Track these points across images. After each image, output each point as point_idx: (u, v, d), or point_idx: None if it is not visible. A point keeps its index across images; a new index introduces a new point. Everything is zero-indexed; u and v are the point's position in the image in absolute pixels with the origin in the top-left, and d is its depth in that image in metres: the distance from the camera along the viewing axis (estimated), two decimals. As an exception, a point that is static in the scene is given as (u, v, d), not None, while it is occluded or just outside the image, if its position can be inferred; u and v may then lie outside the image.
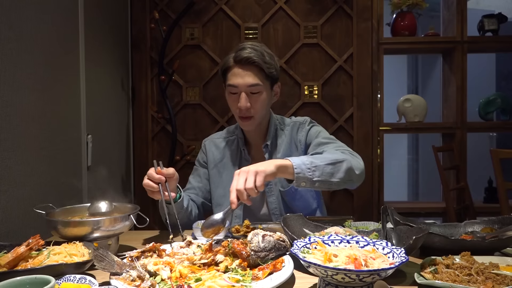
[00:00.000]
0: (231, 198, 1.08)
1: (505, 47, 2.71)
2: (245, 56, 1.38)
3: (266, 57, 1.41)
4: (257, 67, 1.39)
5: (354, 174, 1.27)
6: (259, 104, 1.42)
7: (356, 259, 0.79)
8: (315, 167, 1.20)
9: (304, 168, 1.19)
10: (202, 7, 2.54)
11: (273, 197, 1.50)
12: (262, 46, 1.44)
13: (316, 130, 1.52)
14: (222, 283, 0.83)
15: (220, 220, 1.10)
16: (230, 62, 1.42)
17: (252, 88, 1.40)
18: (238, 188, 1.08)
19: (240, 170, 1.12)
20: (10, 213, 1.26)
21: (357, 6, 2.51)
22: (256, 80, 1.39)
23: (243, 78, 1.39)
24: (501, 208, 2.04)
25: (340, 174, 1.24)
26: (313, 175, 1.20)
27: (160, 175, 1.24)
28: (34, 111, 1.41)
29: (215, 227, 1.09)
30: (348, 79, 2.54)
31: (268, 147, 1.51)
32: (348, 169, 1.25)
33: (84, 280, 0.86)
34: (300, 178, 1.18)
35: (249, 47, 1.40)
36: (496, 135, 3.90)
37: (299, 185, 1.20)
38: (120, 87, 2.38)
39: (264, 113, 1.47)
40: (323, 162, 1.23)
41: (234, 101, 1.43)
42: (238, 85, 1.40)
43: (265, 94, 1.43)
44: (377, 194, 2.52)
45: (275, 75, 1.46)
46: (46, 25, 1.51)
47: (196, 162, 1.64)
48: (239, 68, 1.40)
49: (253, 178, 1.08)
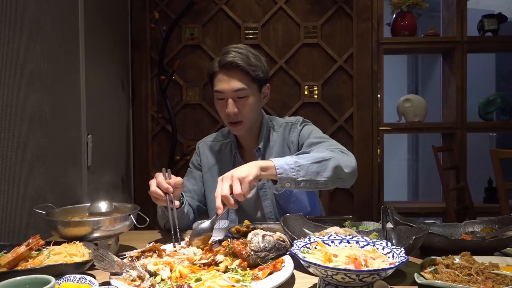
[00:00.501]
0: (217, 204, 1.06)
1: (505, 47, 2.71)
2: (229, 61, 1.35)
3: (251, 60, 1.37)
4: (243, 71, 1.36)
5: (342, 172, 1.24)
6: (247, 108, 1.39)
7: (356, 259, 0.79)
8: (299, 167, 1.17)
9: (288, 168, 1.16)
10: (202, 7, 2.54)
11: (268, 201, 1.48)
12: (247, 48, 1.41)
13: (308, 130, 1.49)
14: (222, 283, 0.83)
15: (208, 228, 1.07)
16: (215, 67, 1.40)
17: (238, 93, 1.37)
18: (223, 194, 1.05)
19: (222, 176, 1.10)
20: (10, 213, 1.26)
21: (357, 6, 2.51)
22: (241, 84, 1.36)
23: (229, 83, 1.36)
24: (501, 208, 2.04)
25: (327, 172, 1.20)
26: (297, 175, 1.17)
27: (168, 185, 1.20)
28: (34, 111, 1.41)
29: (204, 235, 1.07)
30: (348, 79, 2.54)
31: (261, 151, 1.48)
32: (335, 167, 1.21)
33: (84, 280, 0.87)
34: (283, 178, 1.15)
35: (233, 51, 1.37)
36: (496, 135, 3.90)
37: (284, 186, 1.17)
38: (120, 87, 2.38)
39: (253, 117, 1.44)
40: (308, 161, 1.19)
41: (222, 106, 1.40)
42: (224, 90, 1.37)
43: (252, 97, 1.40)
44: (377, 194, 2.52)
45: (262, 77, 1.42)
46: (46, 25, 1.51)
47: (190, 164, 1.61)
48: (224, 74, 1.37)
49: (238, 185, 1.06)
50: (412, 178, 4.63)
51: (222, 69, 1.37)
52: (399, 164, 4.59)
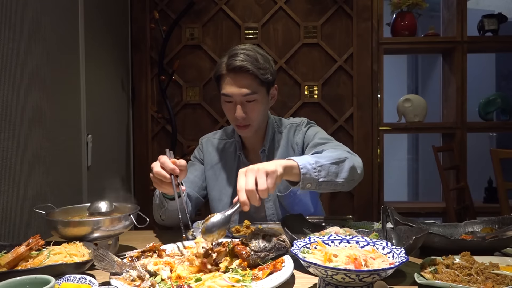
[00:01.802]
0: (242, 199, 0.96)
1: (505, 47, 2.71)
2: (238, 65, 1.30)
3: (260, 62, 1.34)
4: (252, 75, 1.32)
5: (356, 173, 1.22)
6: (256, 112, 1.37)
7: (356, 259, 0.79)
8: (321, 167, 1.11)
9: (310, 168, 1.09)
10: (202, 7, 2.54)
11: (270, 202, 1.46)
12: (255, 49, 1.37)
13: (313, 131, 1.47)
14: (222, 283, 0.83)
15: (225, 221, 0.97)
16: (223, 70, 1.35)
17: (247, 97, 1.34)
18: (248, 189, 0.96)
19: (246, 168, 1.01)
20: (10, 213, 1.26)
21: (357, 6, 2.51)
22: (251, 89, 1.33)
23: (238, 88, 1.33)
24: (501, 208, 2.04)
25: (344, 173, 1.16)
26: (319, 175, 1.11)
27: (174, 166, 1.12)
28: (34, 111, 1.41)
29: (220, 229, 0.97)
30: (348, 79, 2.54)
31: (266, 152, 1.47)
32: (351, 168, 1.19)
33: (84, 280, 0.86)
34: (306, 179, 1.08)
35: (242, 53, 1.32)
36: (496, 135, 3.90)
37: (304, 187, 1.09)
38: (120, 87, 2.38)
39: (261, 120, 1.42)
40: (328, 161, 1.14)
41: (230, 110, 1.38)
42: (232, 94, 1.34)
43: (260, 101, 1.37)
44: (377, 194, 2.52)
45: (271, 79, 1.39)
46: (46, 25, 1.51)
47: (192, 158, 1.58)
48: (233, 77, 1.33)
49: (264, 179, 0.97)
50: (412, 178, 4.63)
51: (231, 72, 1.33)
52: (399, 164, 4.59)
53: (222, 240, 1.01)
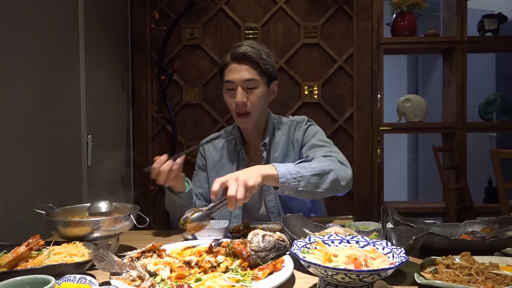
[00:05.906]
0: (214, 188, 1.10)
1: (505, 47, 2.71)
2: (241, 52, 1.41)
3: (262, 54, 1.43)
4: (253, 63, 1.42)
5: (339, 185, 1.28)
6: (256, 98, 1.43)
7: (356, 259, 0.79)
8: (301, 177, 1.21)
9: (290, 177, 1.19)
10: (202, 7, 2.54)
11: (271, 195, 1.51)
12: (260, 44, 1.47)
13: (313, 130, 1.52)
14: (222, 283, 0.83)
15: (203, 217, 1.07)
16: (227, 59, 1.45)
17: (248, 83, 1.41)
18: (231, 195, 1.07)
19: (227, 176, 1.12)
20: (10, 213, 1.26)
21: (357, 6, 2.51)
22: (252, 74, 1.41)
23: (239, 73, 1.41)
24: (501, 208, 2.04)
25: (325, 185, 1.25)
26: (298, 185, 1.21)
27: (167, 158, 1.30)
28: (34, 111, 1.41)
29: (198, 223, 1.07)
30: (348, 79, 2.54)
31: (266, 146, 1.52)
32: (333, 180, 1.26)
33: (84, 280, 0.86)
34: (284, 187, 1.20)
35: (246, 45, 1.43)
36: (496, 135, 3.90)
37: (283, 193, 1.21)
38: (120, 87, 2.38)
39: (261, 109, 1.47)
40: (309, 173, 1.23)
41: (231, 97, 1.44)
42: (234, 80, 1.42)
43: (261, 89, 1.44)
44: (377, 194, 2.52)
45: (272, 72, 1.48)
46: (46, 25, 1.51)
47: (196, 167, 1.64)
48: (236, 64, 1.42)
49: (243, 191, 1.07)
50: (412, 178, 4.63)
51: (234, 60, 1.43)
52: (399, 164, 4.59)
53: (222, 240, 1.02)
